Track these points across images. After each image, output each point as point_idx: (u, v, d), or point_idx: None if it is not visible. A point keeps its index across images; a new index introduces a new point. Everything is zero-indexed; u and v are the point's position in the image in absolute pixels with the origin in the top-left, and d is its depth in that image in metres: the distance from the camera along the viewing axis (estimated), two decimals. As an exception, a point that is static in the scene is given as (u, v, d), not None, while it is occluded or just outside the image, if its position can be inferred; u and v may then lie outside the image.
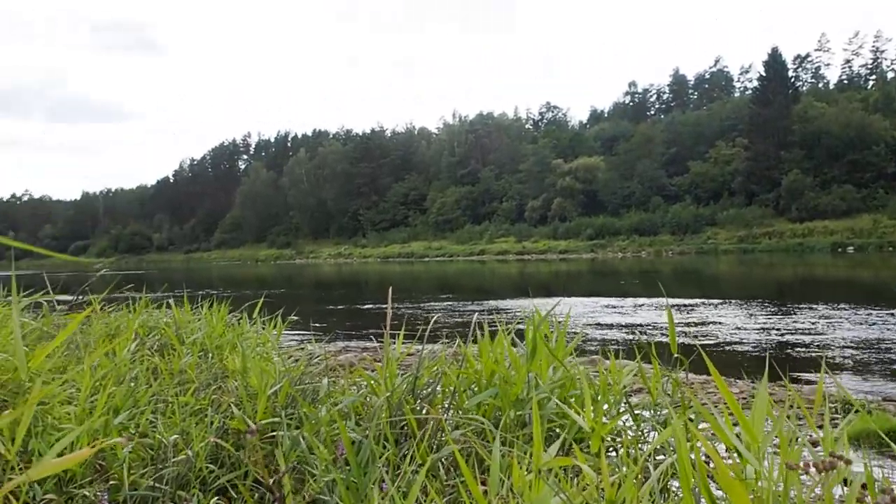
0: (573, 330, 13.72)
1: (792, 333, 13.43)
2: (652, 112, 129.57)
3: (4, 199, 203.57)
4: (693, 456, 1.86)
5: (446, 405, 3.38)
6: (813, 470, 1.51)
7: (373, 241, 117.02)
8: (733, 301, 20.28)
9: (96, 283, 5.97)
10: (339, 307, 25.22)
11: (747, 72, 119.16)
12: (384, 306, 4.00)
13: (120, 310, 6.12)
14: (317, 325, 17.64)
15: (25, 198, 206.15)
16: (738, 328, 14.45)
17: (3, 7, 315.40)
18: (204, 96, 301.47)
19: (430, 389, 3.37)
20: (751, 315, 16.65)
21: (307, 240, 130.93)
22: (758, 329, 14.26)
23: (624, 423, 3.42)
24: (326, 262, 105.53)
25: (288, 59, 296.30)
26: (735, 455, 1.98)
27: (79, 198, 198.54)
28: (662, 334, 13.96)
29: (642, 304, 20.53)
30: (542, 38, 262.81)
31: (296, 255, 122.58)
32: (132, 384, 3.64)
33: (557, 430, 3.24)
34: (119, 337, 4.84)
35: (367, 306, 24.69)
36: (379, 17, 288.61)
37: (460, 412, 3.25)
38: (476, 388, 3.40)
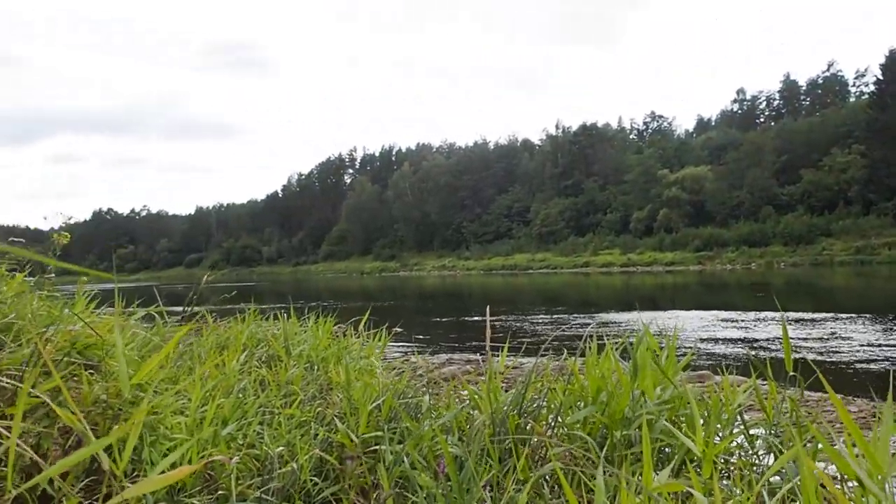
0: (683, 345, 13.38)
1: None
2: (762, 119, 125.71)
3: (125, 215, 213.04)
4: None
5: (551, 422, 3.31)
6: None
7: (476, 253, 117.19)
8: (853, 315, 19.41)
9: (209, 294, 6.14)
10: (443, 319, 25.31)
11: (863, 75, 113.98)
12: (487, 319, 3.96)
13: (230, 321, 6.27)
14: (420, 337, 17.78)
15: (144, 213, 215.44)
16: (860, 343, 13.81)
17: (122, 31, 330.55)
18: (311, 111, 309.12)
19: (535, 405, 3.31)
20: (873, 330, 15.90)
21: (411, 252, 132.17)
22: (881, 345, 13.60)
23: (738, 443, 3.27)
24: (430, 275, 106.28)
25: (392, 73, 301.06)
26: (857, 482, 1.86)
27: (193, 212, 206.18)
28: (777, 350, 13.47)
29: (754, 318, 19.88)
30: (648, 47, 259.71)
31: (400, 267, 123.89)
32: (240, 395, 3.70)
33: (667, 450, 3.13)
34: (229, 348, 4.95)
35: (470, 318, 24.70)
36: (479, 36, 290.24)
37: (564, 429, 3.18)
38: (582, 405, 3.32)
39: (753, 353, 12.79)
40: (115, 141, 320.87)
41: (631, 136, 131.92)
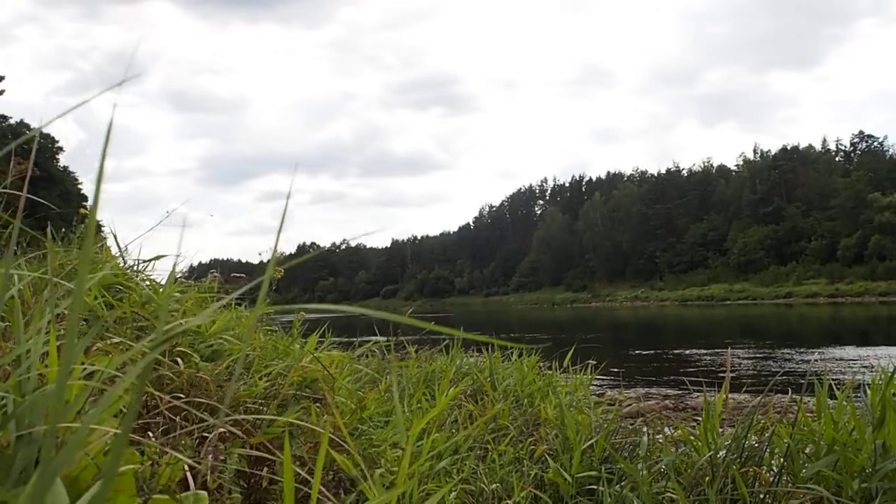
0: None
1: None
2: None
3: (326, 248, 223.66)
4: None
5: (775, 469, 3.15)
6: None
7: (670, 283, 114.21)
8: None
9: (407, 325, 6.33)
10: (637, 352, 24.81)
11: None
12: (728, 356, 3.84)
13: (431, 352, 6.43)
14: (615, 370, 17.47)
15: (343, 246, 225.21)
16: None
17: (318, 69, 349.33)
18: (502, 143, 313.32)
19: (759, 447, 3.17)
20: None
21: (603, 283, 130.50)
22: None
23: None
24: (622, 305, 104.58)
25: (581, 100, 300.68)
26: None
27: (389, 245, 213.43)
28: None
29: None
30: (853, 67, 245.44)
31: (591, 298, 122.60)
32: (452, 431, 3.77)
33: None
34: (436, 381, 5.06)
35: (666, 351, 24.03)
36: (670, 62, 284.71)
37: (791, 479, 3.01)
38: (811, 452, 3.13)
39: None
40: (315, 178, 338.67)
41: (837, 159, 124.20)
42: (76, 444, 0.53)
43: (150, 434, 2.28)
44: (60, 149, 64.93)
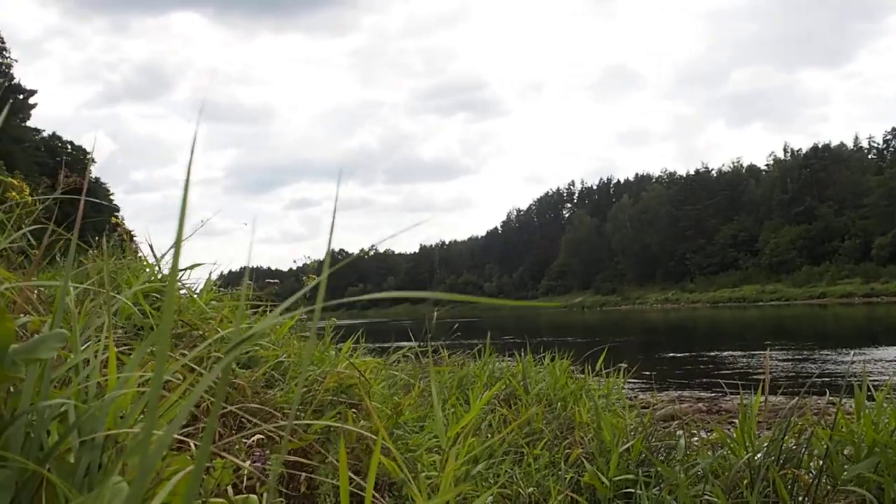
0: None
1: None
2: None
3: (354, 254, 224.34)
4: None
5: (814, 472, 3.12)
6: None
7: (700, 285, 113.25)
8: None
9: (436, 330, 6.36)
10: (668, 354, 24.64)
11: None
12: (766, 357, 3.84)
13: (461, 355, 6.44)
14: (646, 373, 17.36)
15: (371, 252, 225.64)
16: None
17: (342, 78, 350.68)
18: (528, 147, 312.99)
19: (797, 450, 3.14)
20: None
21: (632, 285, 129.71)
22: None
23: None
24: (653, 308, 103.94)
25: (607, 102, 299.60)
26: None
27: (417, 251, 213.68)
28: None
29: None
30: (886, 62, 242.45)
31: (621, 301, 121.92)
32: (488, 435, 3.78)
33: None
34: (469, 385, 5.06)
35: (697, 354, 23.85)
36: (698, 62, 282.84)
37: (831, 481, 2.98)
38: (851, 453, 3.10)
39: None
40: (343, 185, 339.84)
41: (869, 157, 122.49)
42: (160, 452, 0.55)
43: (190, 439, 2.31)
44: (92, 160, 65.69)
